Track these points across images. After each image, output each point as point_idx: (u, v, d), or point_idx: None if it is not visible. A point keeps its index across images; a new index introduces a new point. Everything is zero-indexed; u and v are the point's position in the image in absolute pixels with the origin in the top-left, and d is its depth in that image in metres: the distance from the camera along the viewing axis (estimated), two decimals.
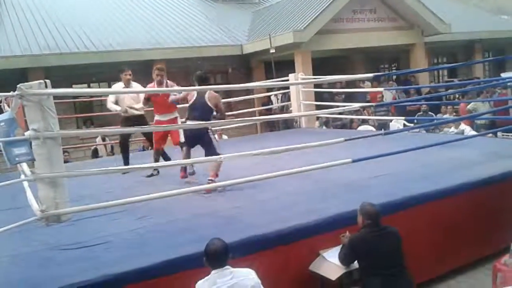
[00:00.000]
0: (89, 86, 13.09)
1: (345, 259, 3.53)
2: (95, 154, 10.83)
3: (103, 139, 11.10)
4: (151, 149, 10.77)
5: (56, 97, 3.63)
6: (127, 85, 6.30)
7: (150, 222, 4.17)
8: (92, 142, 11.28)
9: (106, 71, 12.69)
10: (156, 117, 6.23)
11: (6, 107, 5.76)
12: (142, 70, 13.39)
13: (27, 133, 3.44)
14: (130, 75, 6.36)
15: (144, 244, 3.62)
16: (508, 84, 8.43)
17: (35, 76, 9.44)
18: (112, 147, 11.19)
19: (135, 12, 15.68)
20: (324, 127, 11.17)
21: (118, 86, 6.46)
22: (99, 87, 12.85)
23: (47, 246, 3.74)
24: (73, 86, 12.17)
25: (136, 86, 6.42)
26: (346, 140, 4.90)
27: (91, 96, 11.93)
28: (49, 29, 13.05)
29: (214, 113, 5.29)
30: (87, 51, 12.25)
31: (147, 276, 3.19)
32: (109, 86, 12.91)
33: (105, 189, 5.66)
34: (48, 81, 3.47)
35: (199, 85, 5.31)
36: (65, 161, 5.35)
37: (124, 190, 5.44)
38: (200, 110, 5.18)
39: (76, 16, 14.14)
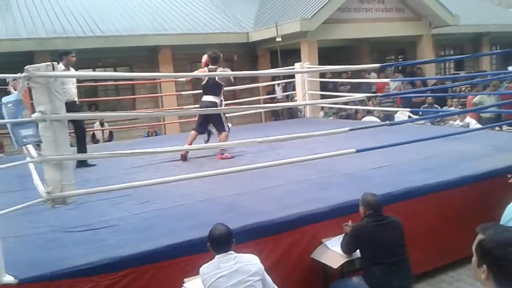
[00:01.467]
0: (94, 71, 13.08)
1: (347, 248, 3.56)
2: (93, 139, 10.84)
3: (102, 124, 11.05)
4: (149, 135, 10.82)
5: None
6: (68, 68, 6.21)
7: (154, 206, 4.21)
8: (90, 127, 11.25)
9: (111, 56, 12.70)
10: None
11: (12, 89, 5.78)
12: (147, 56, 13.45)
13: (33, 115, 3.45)
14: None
15: (148, 228, 3.66)
16: None
17: (41, 60, 9.37)
18: (110, 132, 11.16)
19: None
20: (330, 118, 11.15)
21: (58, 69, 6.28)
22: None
23: (53, 228, 3.78)
24: (79, 70, 12.14)
25: (73, 70, 6.35)
26: (350, 129, 4.89)
27: (96, 81, 11.94)
28: (55, 13, 13.02)
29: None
30: (93, 35, 12.22)
31: (152, 260, 3.22)
32: (115, 71, 12.95)
33: (109, 173, 5.70)
34: (55, 63, 3.47)
35: (212, 64, 6.35)
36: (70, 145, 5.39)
37: (129, 175, 5.49)
38: (213, 87, 6.24)
39: (83, 1, 14.09)
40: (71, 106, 6.01)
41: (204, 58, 6.65)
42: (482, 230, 1.61)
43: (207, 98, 6.30)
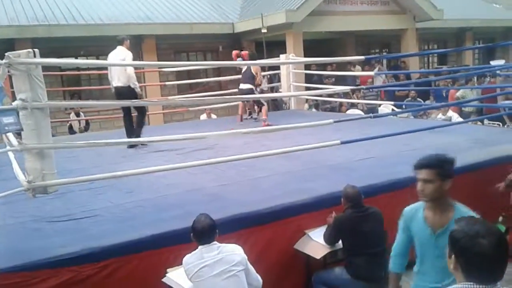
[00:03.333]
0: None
1: (329, 238, 3.59)
2: (70, 130, 10.63)
3: (77, 115, 10.81)
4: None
5: (43, 69, 3.56)
6: None
7: (137, 197, 4.18)
8: (65, 117, 11.02)
9: (94, 45, 12.46)
10: None
11: None
12: (131, 45, 13.23)
13: (14, 103, 3.39)
14: None
15: (132, 218, 3.63)
16: (497, 72, 8.50)
17: (23, 47, 9.16)
18: (86, 122, 10.92)
19: None
20: (314, 110, 11.17)
21: (129, 55, 6.19)
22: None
23: (34, 217, 3.73)
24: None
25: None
26: (335, 121, 4.91)
27: (79, 70, 11.75)
28: (37, 0, 12.76)
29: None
30: (75, 23, 12.01)
31: (134, 250, 3.20)
32: (98, 59, 12.73)
33: (93, 163, 5.64)
34: (36, 50, 3.40)
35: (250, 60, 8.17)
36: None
37: (112, 165, 5.42)
38: (248, 77, 8.11)
39: None
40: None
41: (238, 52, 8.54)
42: (457, 221, 1.65)
43: (244, 86, 8.05)
